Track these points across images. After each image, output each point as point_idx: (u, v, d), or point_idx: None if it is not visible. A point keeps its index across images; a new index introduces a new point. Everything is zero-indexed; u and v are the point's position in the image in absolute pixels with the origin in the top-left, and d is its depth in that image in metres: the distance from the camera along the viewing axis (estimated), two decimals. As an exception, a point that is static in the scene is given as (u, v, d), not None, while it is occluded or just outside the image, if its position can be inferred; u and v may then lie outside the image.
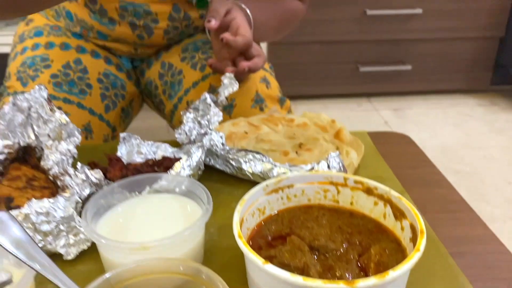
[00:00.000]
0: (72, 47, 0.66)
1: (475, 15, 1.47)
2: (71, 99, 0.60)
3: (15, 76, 0.63)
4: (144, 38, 0.65)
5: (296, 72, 1.53)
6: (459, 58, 1.54)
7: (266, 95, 0.61)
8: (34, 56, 0.64)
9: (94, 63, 0.66)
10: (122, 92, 0.68)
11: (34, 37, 0.67)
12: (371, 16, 1.44)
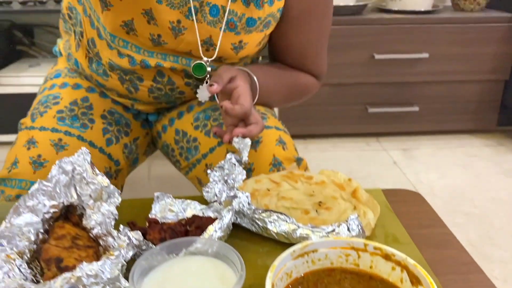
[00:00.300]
0: (83, 87, 0.71)
1: (480, 59, 1.52)
2: (71, 132, 0.65)
3: (29, 113, 0.69)
4: (132, 93, 0.67)
5: (308, 112, 1.57)
6: (465, 99, 1.58)
7: (284, 158, 0.63)
8: (48, 95, 0.70)
9: (101, 101, 0.70)
10: (126, 130, 0.72)
11: (54, 78, 0.73)
12: (379, 60, 1.50)
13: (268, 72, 0.70)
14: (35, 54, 1.72)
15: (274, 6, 0.61)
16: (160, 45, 0.61)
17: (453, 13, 1.58)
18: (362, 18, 1.49)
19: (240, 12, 0.60)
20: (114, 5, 0.58)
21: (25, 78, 1.51)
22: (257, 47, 0.66)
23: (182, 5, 0.58)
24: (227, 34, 0.61)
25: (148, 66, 0.62)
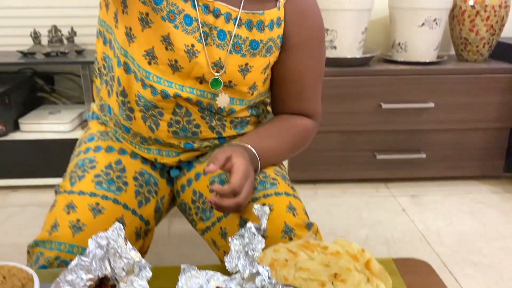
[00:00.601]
0: (115, 149, 0.77)
1: (485, 108, 1.57)
2: (108, 195, 0.70)
3: (68, 176, 0.74)
4: (154, 130, 0.73)
5: (317, 158, 1.62)
6: (471, 147, 1.62)
7: (294, 224, 0.67)
8: (84, 159, 0.75)
9: (132, 163, 0.76)
10: (155, 189, 0.77)
11: (88, 142, 0.79)
12: (386, 109, 1.55)
13: (268, 133, 0.76)
14: (55, 101, 1.79)
15: (274, 32, 0.70)
16: (177, 70, 0.68)
17: (457, 63, 1.64)
18: (369, 69, 1.55)
19: (245, 36, 0.69)
20: (137, 37, 0.67)
21: (46, 125, 1.58)
22: (262, 74, 0.73)
23: (195, 31, 0.67)
24: (233, 56, 0.69)
25: (167, 95, 0.69)
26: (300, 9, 0.72)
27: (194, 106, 0.72)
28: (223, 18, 0.68)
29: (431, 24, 1.54)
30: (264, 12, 0.69)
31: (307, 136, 0.80)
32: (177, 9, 0.66)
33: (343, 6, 1.51)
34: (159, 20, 0.66)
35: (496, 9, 1.56)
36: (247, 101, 0.75)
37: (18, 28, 1.74)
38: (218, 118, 0.74)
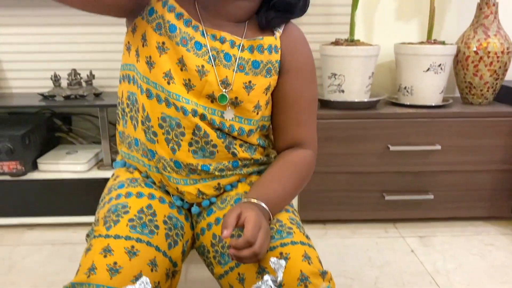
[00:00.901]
0: (145, 195, 0.83)
1: (490, 150, 1.60)
2: (142, 238, 0.75)
3: (102, 221, 0.78)
4: (175, 151, 0.80)
5: (327, 199, 1.65)
6: (479, 188, 1.65)
7: (310, 272, 0.70)
8: (117, 204, 0.80)
9: (161, 208, 0.82)
10: (182, 232, 0.83)
11: (118, 189, 0.84)
12: (394, 151, 1.59)
13: (272, 179, 0.83)
14: (72, 141, 1.85)
15: (272, 56, 0.83)
16: (191, 89, 0.79)
17: (463, 106, 1.68)
18: (377, 112, 1.59)
19: (247, 58, 0.81)
20: (156, 62, 0.79)
21: (63, 165, 1.63)
22: (264, 95, 0.83)
23: (204, 54, 0.79)
24: (239, 74, 0.80)
25: (186, 111, 0.78)
26: (293, 41, 0.85)
27: (210, 126, 0.81)
28: (228, 44, 0.81)
29: (436, 69, 1.60)
30: (263, 37, 0.82)
31: (309, 169, 0.87)
32: (189, 36, 0.79)
33: (351, 53, 1.57)
34: (174, 45, 0.78)
35: (499, 55, 1.62)
36: (254, 121, 0.84)
37: (39, 71, 1.82)
38: (230, 140, 0.83)
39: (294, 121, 0.86)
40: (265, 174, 0.83)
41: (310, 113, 0.87)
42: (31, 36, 1.80)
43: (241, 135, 0.83)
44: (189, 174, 0.83)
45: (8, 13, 1.78)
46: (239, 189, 0.87)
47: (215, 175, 0.84)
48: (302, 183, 0.86)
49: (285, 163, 0.85)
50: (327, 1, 1.80)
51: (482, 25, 1.64)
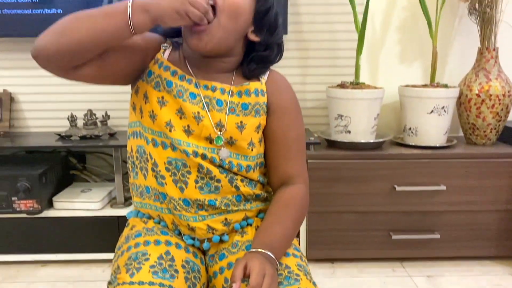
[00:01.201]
0: (162, 242, 0.88)
1: (495, 191, 1.63)
2: (164, 283, 0.79)
3: (124, 269, 0.82)
4: (183, 190, 0.87)
5: (334, 238, 1.68)
6: (484, 227, 1.67)
7: None
8: (137, 252, 0.85)
9: (178, 253, 0.87)
10: (199, 275, 0.88)
11: (136, 238, 0.89)
12: (400, 191, 1.63)
13: (272, 222, 0.89)
14: (86, 178, 1.91)
15: (259, 98, 0.92)
16: (191, 134, 0.87)
17: (466, 147, 1.73)
18: (383, 153, 1.64)
19: (237, 101, 0.90)
20: (158, 114, 0.87)
21: (78, 203, 1.68)
22: (256, 133, 0.91)
23: (199, 102, 0.88)
24: (231, 116, 0.89)
25: (188, 154, 0.86)
26: (277, 85, 0.95)
27: (211, 164, 0.88)
28: (219, 91, 0.90)
29: (439, 112, 1.65)
30: (249, 83, 0.92)
31: (304, 204, 0.94)
32: (184, 88, 0.88)
33: (356, 96, 1.63)
34: (172, 98, 0.88)
35: (500, 98, 1.67)
36: (250, 158, 0.91)
37: (56, 111, 1.90)
38: (231, 176, 0.90)
39: (283, 156, 0.94)
40: (265, 218, 0.90)
41: (297, 149, 0.96)
42: (50, 78, 1.88)
43: (240, 171, 0.91)
44: (198, 211, 0.89)
45: (28, 56, 1.87)
46: (249, 236, 0.92)
47: (221, 209, 0.90)
48: (300, 219, 0.93)
49: (281, 204, 0.92)
50: (333, 45, 1.88)
51: (484, 69, 1.70)
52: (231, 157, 0.90)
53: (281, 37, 0.95)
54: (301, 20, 1.86)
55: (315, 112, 1.94)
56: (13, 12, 1.73)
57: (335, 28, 1.86)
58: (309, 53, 1.89)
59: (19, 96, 1.90)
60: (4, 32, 1.75)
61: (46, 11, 1.73)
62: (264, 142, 0.95)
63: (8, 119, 1.86)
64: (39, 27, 1.72)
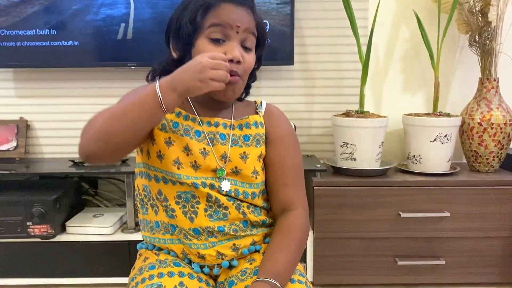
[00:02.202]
0: (175, 274, 0.91)
1: (499, 217, 1.66)
2: None
3: None
4: (193, 220, 0.91)
5: (341, 263, 1.70)
6: (489, 254, 1.69)
7: None
8: (152, 284, 0.88)
9: (192, 283, 0.91)
10: None
11: (150, 270, 0.93)
12: (405, 217, 1.66)
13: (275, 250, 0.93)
14: (98, 203, 1.95)
15: (259, 129, 0.99)
16: (198, 168, 0.92)
17: (470, 174, 1.77)
18: (387, 180, 1.68)
19: (238, 134, 0.97)
20: (166, 154, 0.91)
21: (90, 228, 1.72)
22: (258, 162, 0.97)
23: (204, 139, 0.94)
24: (234, 148, 0.95)
25: (197, 185, 0.91)
26: (274, 117, 1.02)
27: (218, 193, 0.93)
28: (221, 126, 0.96)
29: (442, 140, 1.70)
30: (248, 116, 0.99)
31: (304, 229, 0.98)
32: (189, 127, 0.94)
33: (361, 124, 1.68)
34: (179, 137, 0.92)
35: (502, 127, 1.71)
36: (255, 185, 0.97)
37: (70, 138, 1.96)
38: (238, 203, 0.95)
39: (281, 183, 0.99)
40: (269, 247, 0.94)
41: (295, 175, 1.01)
42: (64, 107, 1.96)
43: (246, 198, 0.96)
44: (208, 238, 0.93)
45: (43, 85, 1.95)
46: (257, 262, 0.96)
47: (230, 235, 0.94)
48: (302, 244, 0.97)
49: (283, 231, 0.96)
50: (338, 75, 1.95)
51: (485, 99, 1.75)
52: (237, 185, 0.95)
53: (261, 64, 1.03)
54: (307, 51, 1.93)
55: (321, 139, 1.99)
56: (32, 44, 1.81)
57: (340, 58, 1.93)
58: (315, 82, 1.96)
59: (35, 123, 1.97)
60: (23, 62, 1.83)
61: (63, 43, 1.82)
62: (264, 170, 1.01)
63: (24, 145, 1.93)
64: (56, 58, 1.82)
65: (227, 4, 0.91)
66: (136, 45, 1.80)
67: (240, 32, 0.91)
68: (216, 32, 0.90)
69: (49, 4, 1.78)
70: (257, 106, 1.04)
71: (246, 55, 0.93)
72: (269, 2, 1.76)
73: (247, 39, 0.93)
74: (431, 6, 1.86)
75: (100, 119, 0.81)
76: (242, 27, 0.91)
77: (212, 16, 0.90)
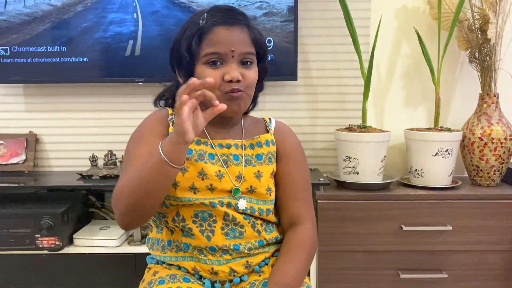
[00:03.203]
0: None
1: (500, 231, 1.68)
2: None
3: None
4: (210, 238, 0.93)
5: (344, 276, 1.72)
6: (491, 267, 1.71)
7: None
8: None
9: None
10: None
11: (159, 284, 0.95)
12: (407, 231, 1.68)
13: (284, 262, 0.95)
14: (105, 216, 1.98)
15: (270, 148, 1.03)
16: (214, 190, 0.95)
17: (471, 188, 1.79)
18: (390, 194, 1.71)
19: (251, 153, 1.00)
20: (181, 181, 0.93)
21: (97, 240, 1.75)
22: (271, 179, 1.01)
23: (217, 161, 0.97)
24: (248, 168, 0.98)
25: (215, 205, 0.93)
26: (283, 134, 1.07)
27: (235, 211, 0.95)
28: (234, 148, 0.99)
29: (443, 154, 1.72)
30: (259, 136, 1.03)
31: (312, 243, 1.01)
32: (203, 152, 0.97)
33: (363, 139, 1.72)
34: (193, 163, 0.95)
35: (502, 141, 1.74)
36: (269, 202, 1.00)
37: (78, 152, 2.00)
38: (253, 220, 0.98)
39: (290, 198, 1.03)
40: (278, 258, 0.98)
41: (304, 190, 1.05)
42: (73, 121, 2.00)
43: (261, 215, 0.99)
44: (222, 255, 0.96)
45: (53, 100, 2.00)
46: (266, 274, 0.98)
47: (244, 253, 0.97)
48: (310, 257, 1.00)
49: (292, 244, 0.99)
50: (341, 90, 1.99)
51: (485, 114, 1.78)
52: (252, 202, 0.97)
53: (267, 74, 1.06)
54: (311, 67, 1.98)
55: (324, 153, 2.03)
56: (42, 61, 1.86)
57: (343, 74, 1.97)
58: (318, 97, 1.99)
59: (44, 137, 2.01)
60: (34, 78, 1.88)
61: (73, 59, 1.86)
62: (275, 186, 1.04)
63: (33, 159, 1.97)
64: (65, 74, 1.86)
65: (219, 27, 0.92)
66: (144, 61, 1.85)
67: (236, 55, 0.93)
68: (212, 58, 0.93)
69: (60, 22, 1.84)
70: (267, 123, 1.07)
71: (247, 72, 0.95)
72: (273, 20, 1.81)
73: (245, 57, 0.95)
74: (431, 23, 1.90)
75: (123, 197, 0.85)
76: (237, 50, 0.92)
77: (206, 44, 0.92)
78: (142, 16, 1.82)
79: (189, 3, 1.80)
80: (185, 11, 1.79)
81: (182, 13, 1.80)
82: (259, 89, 1.05)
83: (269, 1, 1.80)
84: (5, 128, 1.99)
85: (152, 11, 1.81)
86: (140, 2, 1.81)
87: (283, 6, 1.80)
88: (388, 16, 1.94)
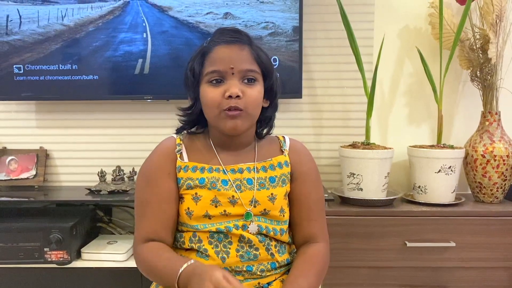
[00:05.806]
0: None
1: (504, 248, 1.69)
2: None
3: None
4: (225, 259, 0.95)
5: (348, 292, 1.73)
6: (495, 284, 1.71)
7: None
8: None
9: None
10: None
11: None
12: (411, 247, 1.69)
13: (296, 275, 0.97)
14: (112, 230, 2.01)
15: (284, 169, 1.03)
16: (228, 216, 0.97)
17: (474, 205, 1.80)
18: (394, 210, 1.73)
19: (264, 176, 1.01)
20: (194, 210, 0.97)
21: (104, 255, 1.78)
22: (285, 200, 1.01)
23: (231, 187, 0.98)
24: (261, 191, 0.99)
25: (230, 228, 0.94)
26: (298, 154, 1.07)
27: (250, 233, 0.97)
28: (246, 172, 1.00)
29: (446, 171, 1.75)
30: (272, 158, 1.04)
31: (325, 260, 1.03)
32: (215, 178, 0.98)
33: (367, 155, 1.74)
34: (206, 191, 0.96)
35: (505, 159, 1.76)
36: (283, 222, 1.01)
37: (87, 167, 2.04)
38: (268, 242, 0.99)
39: (305, 218, 1.04)
40: (291, 272, 0.99)
41: (318, 210, 1.06)
42: (82, 137, 2.05)
43: (275, 235, 1.00)
44: (235, 275, 0.97)
45: (63, 117, 2.05)
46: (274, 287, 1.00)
47: (256, 275, 0.99)
48: (322, 274, 1.02)
49: (305, 259, 1.00)
50: (345, 108, 2.02)
51: (487, 131, 1.81)
52: (266, 222, 0.99)
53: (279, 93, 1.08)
54: (315, 85, 2.02)
55: (328, 169, 2.05)
56: (54, 78, 1.92)
57: (347, 92, 2.01)
58: (322, 114, 2.03)
59: (54, 152, 2.06)
60: (46, 95, 1.93)
61: (84, 77, 1.92)
62: (289, 205, 1.05)
63: (43, 174, 2.01)
64: (76, 91, 1.92)
65: (220, 46, 0.96)
66: (153, 79, 1.90)
67: (236, 72, 0.95)
68: (214, 77, 0.96)
69: (71, 41, 1.90)
70: (281, 143, 1.08)
71: (249, 89, 0.96)
72: (279, 39, 1.86)
73: (247, 75, 0.97)
74: (433, 43, 1.94)
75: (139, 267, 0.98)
76: (236, 67, 0.95)
77: (208, 64, 0.96)
78: (152, 35, 1.88)
79: (197, 23, 1.85)
80: (193, 31, 1.85)
81: (190, 33, 1.85)
82: (273, 110, 1.06)
83: (274, 21, 1.85)
84: (17, 143, 2.04)
85: (161, 31, 1.87)
86: (150, 22, 1.87)
87: (288, 26, 1.85)
88: (390, 36, 1.98)
